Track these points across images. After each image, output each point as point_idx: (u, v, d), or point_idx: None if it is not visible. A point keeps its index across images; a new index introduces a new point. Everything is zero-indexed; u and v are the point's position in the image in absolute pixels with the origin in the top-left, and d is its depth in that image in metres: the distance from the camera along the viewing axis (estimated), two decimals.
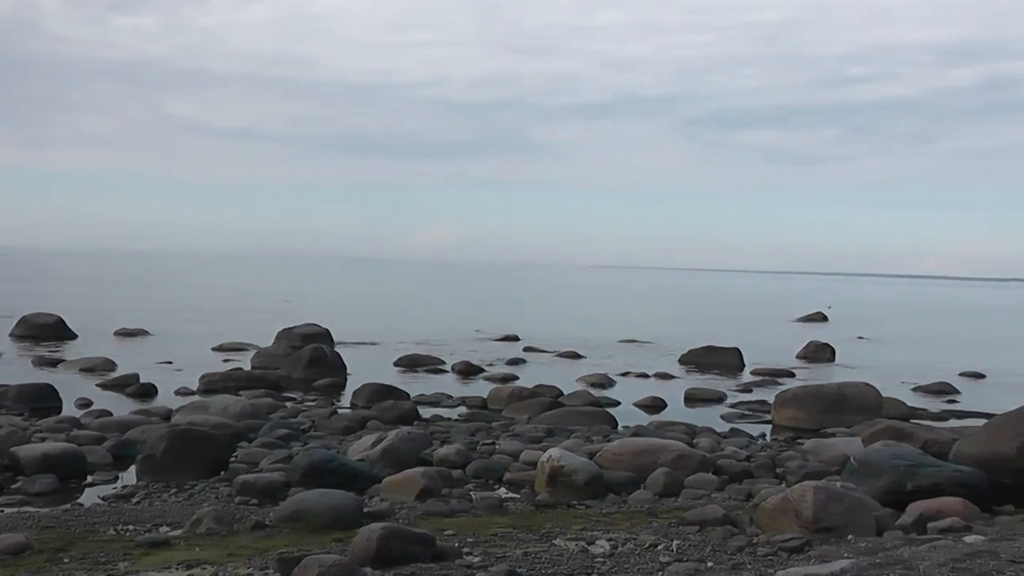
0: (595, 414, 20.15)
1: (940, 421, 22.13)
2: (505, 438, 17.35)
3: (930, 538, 9.59)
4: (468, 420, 19.78)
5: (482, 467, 14.56)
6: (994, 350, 44.61)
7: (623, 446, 15.30)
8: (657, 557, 9.45)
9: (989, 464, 13.39)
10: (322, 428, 18.05)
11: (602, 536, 10.34)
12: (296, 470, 13.18)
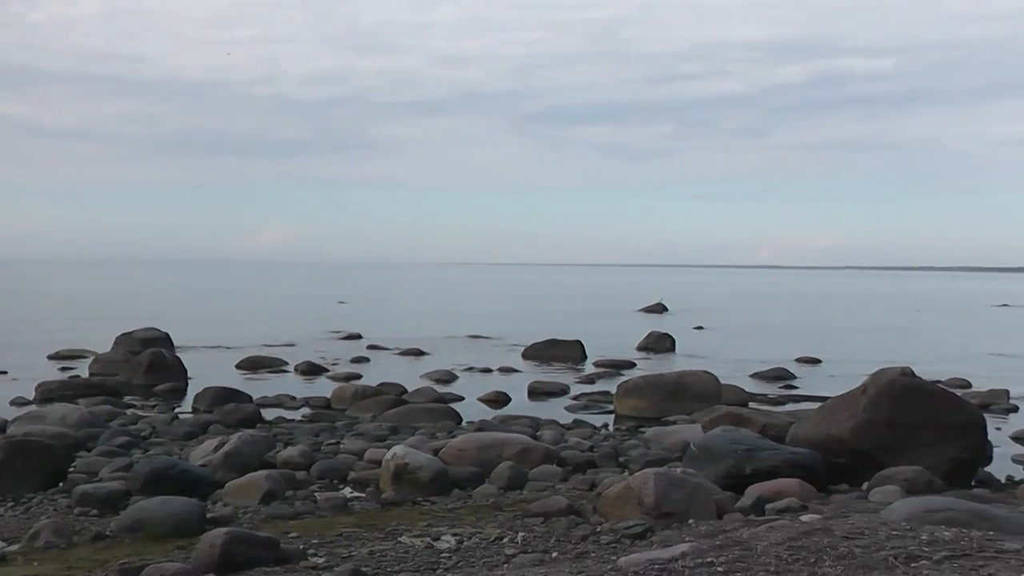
0: (439, 410, 20.14)
1: (777, 406, 22.71)
2: (349, 437, 17.23)
3: (768, 519, 9.82)
4: (312, 421, 19.59)
5: (326, 467, 14.42)
6: (828, 336, 45.93)
7: (467, 441, 15.32)
8: (502, 550, 9.49)
9: (824, 445, 13.81)
10: (163, 434, 17.67)
11: (448, 531, 10.33)
12: (137, 478, 12.85)
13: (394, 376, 26.05)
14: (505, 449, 14.84)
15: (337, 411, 21.14)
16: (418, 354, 34.09)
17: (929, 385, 15.55)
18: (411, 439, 16.41)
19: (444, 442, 15.84)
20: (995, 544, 7.64)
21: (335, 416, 20.24)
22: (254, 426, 18.10)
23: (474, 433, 16.64)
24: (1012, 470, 15.82)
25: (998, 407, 22.94)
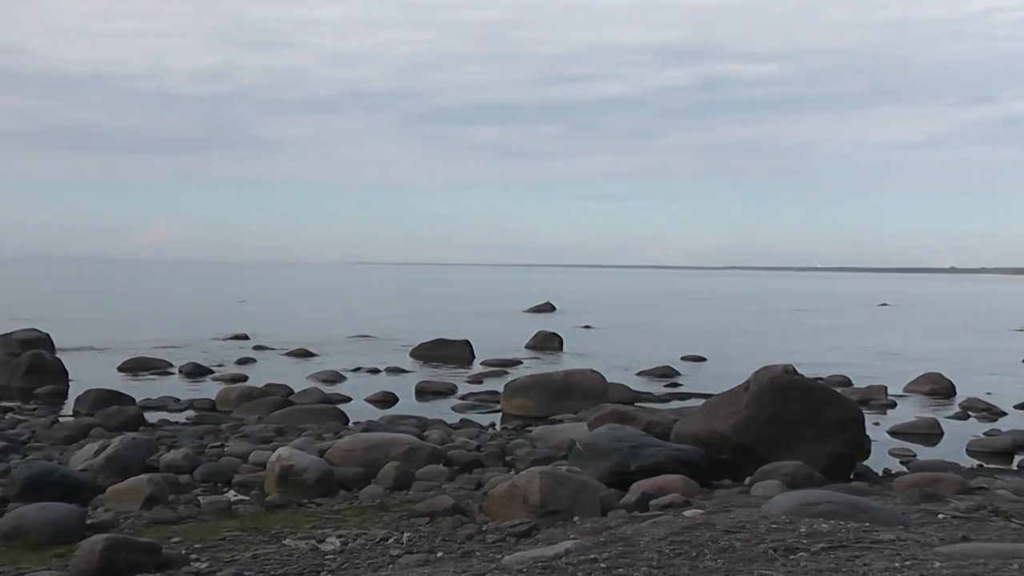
0: (326, 411, 20.01)
1: (663, 403, 22.99)
2: (234, 440, 17.01)
3: (652, 515, 9.91)
4: (196, 423, 19.31)
5: (210, 470, 14.23)
6: (714, 334, 46.58)
7: (354, 442, 15.25)
8: (388, 551, 9.45)
9: (707, 441, 14.02)
10: (43, 438, 17.26)
11: (332, 533, 10.25)
12: (14, 484, 12.55)
13: (281, 377, 25.81)
14: (392, 449, 14.80)
15: (222, 413, 20.87)
16: (306, 355, 33.80)
17: (810, 382, 15.88)
18: (297, 440, 16.27)
19: (330, 443, 15.74)
20: (870, 535, 7.81)
21: (220, 418, 19.97)
22: (137, 429, 17.77)
23: (361, 434, 16.56)
24: (889, 463, 16.24)
25: (877, 403, 23.50)
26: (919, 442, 18.73)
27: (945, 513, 9.59)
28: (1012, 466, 16.76)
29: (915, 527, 8.65)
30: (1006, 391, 26.14)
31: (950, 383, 26.22)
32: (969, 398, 24.20)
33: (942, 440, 19.20)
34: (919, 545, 7.61)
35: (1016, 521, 9.26)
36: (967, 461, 16.97)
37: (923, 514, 9.56)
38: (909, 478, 13.44)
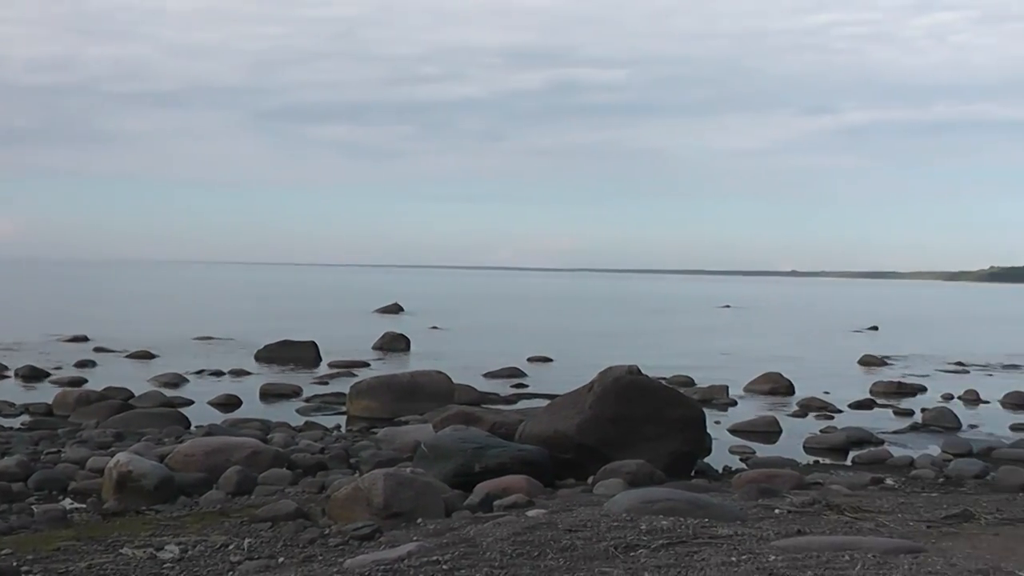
0: (167, 415, 19.62)
1: (509, 404, 23.10)
2: (71, 445, 16.54)
3: (495, 515, 9.94)
4: (31, 428, 18.72)
5: (45, 478, 13.81)
6: (561, 336, 46.97)
7: (195, 446, 14.97)
8: (228, 557, 9.28)
9: (551, 441, 14.13)
10: None
11: (172, 541, 10.02)
12: None
13: (121, 380, 25.17)
14: (234, 453, 14.57)
15: (59, 418, 20.29)
16: (147, 357, 33.03)
17: (652, 382, 16.12)
18: (136, 445, 15.90)
19: (171, 448, 15.42)
20: (709, 531, 7.96)
21: (57, 423, 19.42)
22: None
23: (202, 438, 16.27)
24: (729, 460, 16.58)
25: (718, 402, 24.01)
26: (758, 440, 19.18)
27: (781, 508, 9.83)
28: (847, 461, 17.27)
29: (752, 522, 8.84)
30: (842, 390, 26.96)
31: (789, 383, 26.91)
32: (807, 397, 24.89)
33: (780, 438, 19.69)
34: (756, 539, 7.78)
35: (849, 514, 9.55)
36: (804, 457, 17.45)
37: (760, 509, 9.78)
38: (748, 475, 13.74)
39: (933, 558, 7.22)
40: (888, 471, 15.92)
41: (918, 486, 14.12)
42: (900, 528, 8.97)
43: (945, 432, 20.54)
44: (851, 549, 7.34)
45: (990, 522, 9.38)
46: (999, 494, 12.55)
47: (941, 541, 8.32)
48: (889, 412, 23.86)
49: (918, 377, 31.64)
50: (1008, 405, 26.01)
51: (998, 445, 18.66)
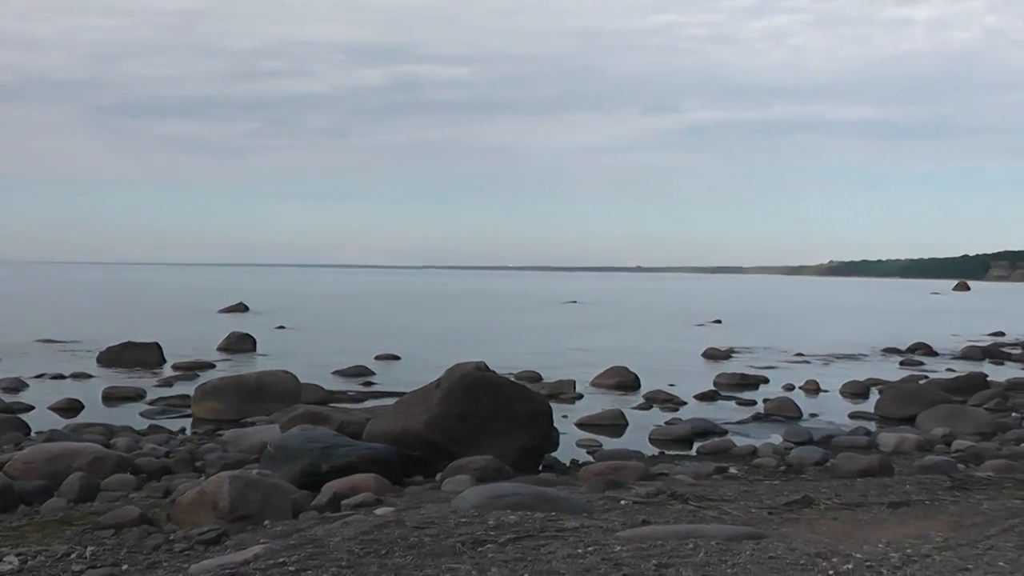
0: (6, 421, 18.97)
1: (357, 403, 22.97)
2: None
3: (343, 515, 9.88)
4: None
5: None
6: (409, 333, 46.88)
7: (35, 453, 14.52)
8: (70, 566, 9.04)
9: (400, 439, 14.10)
10: None
11: (11, 551, 9.72)
12: None
13: None
14: (76, 459, 14.18)
15: None
16: None
17: (500, 378, 16.19)
18: None
19: (9, 455, 14.93)
20: (556, 524, 8.04)
21: None
22: None
23: (43, 444, 15.79)
24: (576, 454, 16.76)
25: (565, 396, 24.25)
26: (605, 433, 19.42)
27: (627, 499, 9.98)
28: (691, 452, 17.62)
29: (599, 514, 8.97)
30: (687, 383, 27.49)
31: (635, 376, 27.31)
32: (653, 390, 25.30)
33: (627, 430, 19.98)
34: (602, 531, 7.89)
35: (693, 503, 9.73)
36: (650, 449, 17.74)
37: (607, 501, 9.91)
38: (594, 467, 13.92)
39: (774, 543, 7.42)
40: (732, 460, 16.29)
41: (760, 474, 14.48)
42: (743, 515, 9.18)
43: (786, 421, 21.10)
44: (695, 537, 7.50)
45: (829, 507, 9.65)
46: (838, 480, 12.92)
47: (782, 526, 8.53)
48: (733, 403, 24.39)
49: (761, 369, 32.42)
50: (847, 394, 26.86)
51: (837, 433, 19.25)
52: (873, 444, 17.96)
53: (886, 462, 14.60)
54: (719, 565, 6.69)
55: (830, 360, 37.35)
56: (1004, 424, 20.69)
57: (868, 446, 17.74)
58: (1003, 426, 20.43)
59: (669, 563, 6.71)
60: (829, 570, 6.61)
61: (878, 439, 18.28)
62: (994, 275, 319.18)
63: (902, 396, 23.42)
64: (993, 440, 18.79)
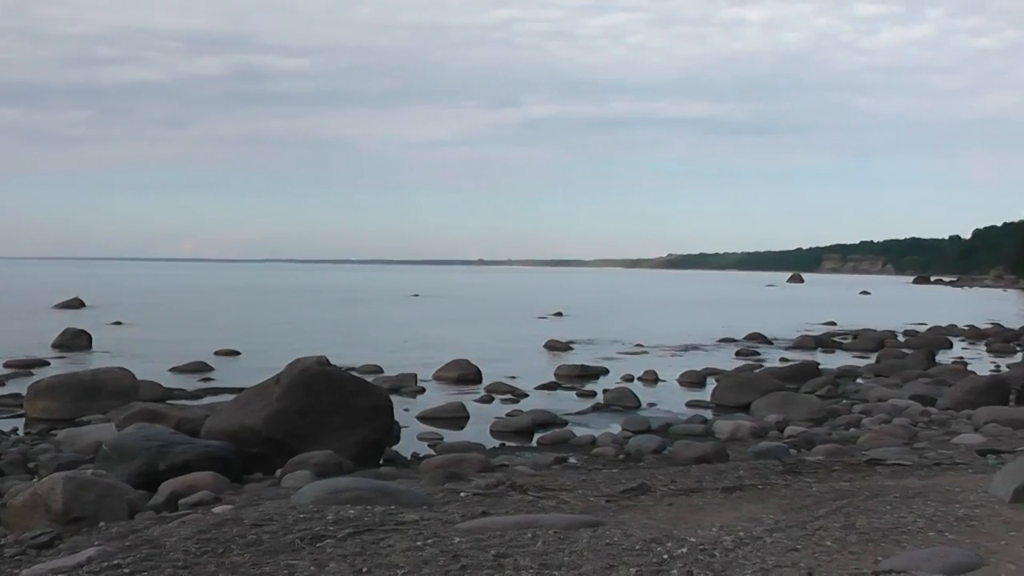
0: None
1: (196, 399, 22.58)
2: None
3: (180, 514, 9.72)
4: None
5: None
6: (249, 328, 46.24)
7: None
8: None
9: (238, 436, 13.94)
10: None
11: None
12: None
13: None
14: None
15: None
16: None
17: (340, 372, 16.13)
18: None
19: None
20: (396, 517, 8.06)
21: None
22: None
23: None
24: (417, 447, 16.79)
25: (407, 390, 24.24)
26: (447, 426, 19.49)
27: (467, 491, 10.05)
28: (532, 443, 17.79)
29: (439, 506, 9.01)
30: (528, 374, 27.76)
31: (477, 369, 27.44)
32: (494, 382, 25.47)
33: (468, 423, 20.07)
34: (441, 523, 7.94)
35: (532, 493, 9.84)
36: (491, 441, 17.87)
37: (447, 493, 9.97)
38: (435, 460, 13.98)
39: (611, 530, 7.56)
40: (571, 450, 16.50)
41: (599, 463, 14.70)
42: (581, 504, 9.31)
43: (625, 411, 21.46)
44: (533, 526, 7.60)
45: (665, 493, 9.85)
46: (674, 466, 13.20)
47: (619, 514, 8.69)
48: (573, 394, 24.71)
49: (601, 360, 32.87)
50: (684, 383, 27.44)
51: (674, 421, 19.66)
52: (709, 432, 18.39)
53: (721, 449, 14.99)
54: (556, 553, 6.79)
55: (668, 351, 38.08)
56: (834, 410, 21.40)
57: (704, 434, 18.16)
58: (834, 412, 21.13)
59: (508, 553, 6.78)
60: (664, 554, 6.76)
61: (714, 427, 18.72)
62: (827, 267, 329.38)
63: (738, 385, 24.05)
64: (824, 425, 19.42)
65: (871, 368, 31.55)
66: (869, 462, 12.42)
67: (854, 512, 8.27)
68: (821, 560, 6.66)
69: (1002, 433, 16.38)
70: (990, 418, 18.06)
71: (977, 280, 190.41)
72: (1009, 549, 6.88)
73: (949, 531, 7.49)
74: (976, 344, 45.09)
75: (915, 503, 8.60)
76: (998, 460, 12.12)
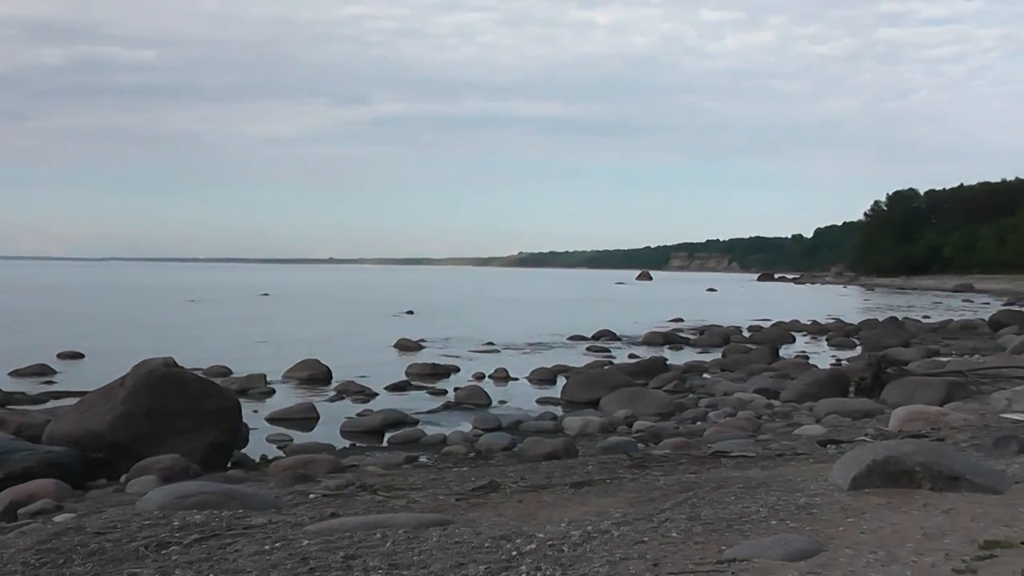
0: None
1: (37, 404, 21.92)
2: None
3: (20, 524, 9.44)
4: None
5: None
6: (93, 329, 45.06)
7: None
8: None
9: (81, 441, 13.60)
10: None
11: None
12: None
13: None
14: None
15: None
16: None
17: (187, 374, 15.86)
18: None
19: None
20: (243, 521, 7.95)
21: None
22: None
23: None
24: (266, 449, 16.58)
25: (256, 391, 23.91)
26: (296, 427, 19.28)
27: (316, 492, 9.98)
28: (383, 443, 17.72)
29: (287, 509, 8.92)
30: (379, 373, 27.61)
31: (327, 368, 27.23)
32: (345, 381, 25.30)
33: (318, 423, 19.87)
34: (290, 526, 7.85)
35: (382, 493, 9.82)
36: (341, 442, 17.75)
37: (296, 495, 9.88)
38: (284, 462, 13.83)
39: (460, 528, 7.58)
40: (422, 449, 16.49)
41: (450, 462, 14.72)
42: (431, 503, 9.32)
43: (476, 409, 21.51)
44: (382, 527, 7.57)
45: (515, 490, 9.91)
46: (525, 463, 13.30)
47: (469, 512, 8.71)
48: (424, 393, 24.68)
49: (452, 358, 32.92)
50: (534, 381, 27.65)
51: (524, 418, 19.78)
52: (559, 428, 18.55)
53: (571, 445, 15.16)
54: (406, 553, 6.77)
55: (519, 349, 38.32)
56: (681, 404, 21.80)
57: (554, 430, 18.31)
58: (680, 406, 21.52)
59: (357, 554, 6.75)
60: (513, 551, 6.80)
61: (564, 423, 18.90)
62: (674, 265, 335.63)
63: (587, 381, 24.31)
64: (671, 420, 19.76)
65: (717, 363, 32.21)
66: (715, 454, 12.69)
67: (699, 503, 8.43)
68: (667, 551, 6.77)
69: (842, 424, 16.87)
70: (831, 409, 18.58)
71: (819, 277, 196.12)
72: (847, 534, 7.09)
73: (791, 519, 7.68)
74: (818, 339, 46.36)
75: (758, 493, 8.79)
76: (838, 450, 12.48)
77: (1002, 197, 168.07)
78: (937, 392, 18.61)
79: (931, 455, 8.89)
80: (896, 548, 6.61)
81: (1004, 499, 8.12)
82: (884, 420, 15.70)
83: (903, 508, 7.83)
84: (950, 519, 7.42)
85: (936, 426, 13.81)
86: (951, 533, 6.98)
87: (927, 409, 15.16)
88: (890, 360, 23.64)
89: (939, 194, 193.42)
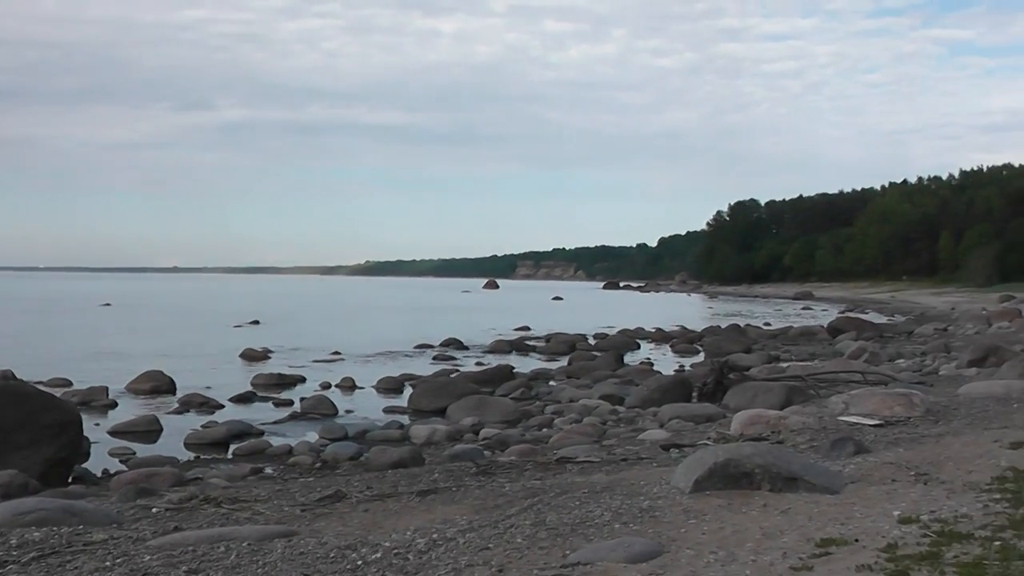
0: None
1: None
2: None
3: None
4: None
5: None
6: None
7: None
8: None
9: None
10: None
11: None
12: None
13: None
14: None
15: None
16: None
17: (25, 387, 15.48)
18: None
19: None
20: (83, 538, 7.84)
21: None
22: None
23: None
24: (108, 463, 16.25)
25: (98, 404, 23.38)
26: (139, 440, 18.91)
27: (159, 506, 9.86)
28: (228, 455, 17.50)
29: (129, 524, 8.81)
30: (225, 384, 27.23)
31: (171, 380, 26.75)
32: (189, 393, 24.87)
33: (162, 436, 19.51)
34: (131, 541, 7.77)
35: (226, 506, 9.75)
36: (185, 454, 17.47)
37: (138, 510, 9.75)
38: (126, 476, 13.58)
39: (306, 539, 7.59)
40: (268, 460, 16.34)
41: (296, 472, 14.64)
42: (276, 514, 9.29)
43: (323, 419, 21.37)
44: (226, 540, 7.54)
45: (360, 499, 9.94)
46: (371, 472, 13.33)
47: (314, 522, 8.71)
48: (270, 403, 24.42)
49: (298, 368, 32.61)
50: (381, 390, 27.60)
51: (371, 427, 19.74)
52: (406, 437, 18.55)
53: (417, 453, 15.21)
54: (250, 566, 6.77)
55: (366, 357, 38.18)
56: (528, 411, 21.99)
57: (401, 439, 18.31)
58: (527, 413, 21.71)
59: (200, 568, 6.72)
60: (358, 560, 6.84)
61: (410, 432, 18.91)
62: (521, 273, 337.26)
63: (434, 389, 24.37)
64: (518, 427, 19.93)
65: (563, 370, 32.58)
66: (560, 460, 12.89)
67: (544, 509, 8.58)
68: (512, 557, 6.89)
69: (684, 428, 17.24)
70: (674, 414, 18.95)
71: (663, 285, 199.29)
72: (688, 536, 7.31)
73: (633, 522, 7.88)
74: (662, 345, 47.23)
75: (602, 498, 8.99)
76: (680, 454, 12.78)
77: (839, 208, 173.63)
78: (777, 396, 19.09)
79: (770, 457, 9.20)
80: (736, 548, 6.85)
81: (839, 498, 8.45)
82: (726, 424, 16.08)
83: (743, 509, 8.10)
84: (788, 519, 7.71)
85: (776, 429, 14.21)
86: (789, 532, 7.25)
87: (767, 413, 15.56)
88: (732, 366, 24.21)
89: (779, 204, 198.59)
